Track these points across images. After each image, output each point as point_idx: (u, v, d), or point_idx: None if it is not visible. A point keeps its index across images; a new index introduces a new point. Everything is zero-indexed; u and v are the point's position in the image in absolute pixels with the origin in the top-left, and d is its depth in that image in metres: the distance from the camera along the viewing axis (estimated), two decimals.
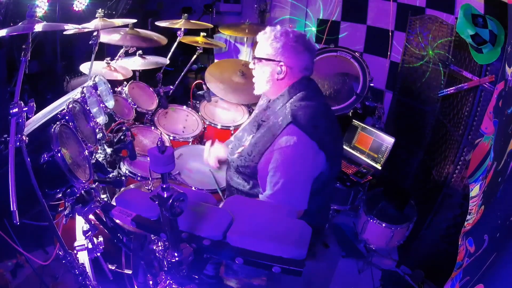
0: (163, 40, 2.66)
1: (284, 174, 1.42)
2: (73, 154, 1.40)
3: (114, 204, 1.18)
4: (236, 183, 1.65)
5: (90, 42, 2.04)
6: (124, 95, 2.40)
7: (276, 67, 1.52)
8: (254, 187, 1.58)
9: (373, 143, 2.66)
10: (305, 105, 1.49)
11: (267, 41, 1.53)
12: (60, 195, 1.35)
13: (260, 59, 1.56)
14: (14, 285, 1.97)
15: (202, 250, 1.02)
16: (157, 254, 1.55)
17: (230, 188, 1.72)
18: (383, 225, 2.32)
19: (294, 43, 1.52)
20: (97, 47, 2.06)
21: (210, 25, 3.05)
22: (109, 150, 1.90)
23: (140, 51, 2.65)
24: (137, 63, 2.62)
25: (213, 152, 1.93)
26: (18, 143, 1.13)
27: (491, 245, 1.20)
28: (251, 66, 1.63)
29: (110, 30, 2.47)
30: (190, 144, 2.46)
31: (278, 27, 1.56)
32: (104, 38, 2.39)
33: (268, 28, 1.57)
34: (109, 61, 2.41)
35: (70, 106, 1.54)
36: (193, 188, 1.91)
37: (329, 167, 1.49)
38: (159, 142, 0.81)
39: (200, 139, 2.66)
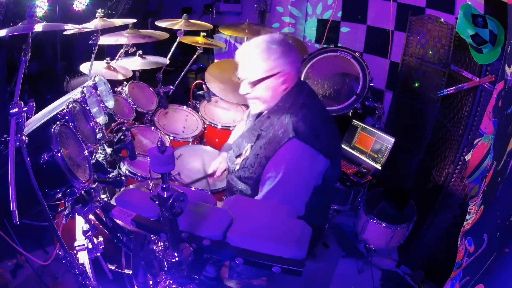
0: (164, 35, 2.67)
1: (283, 183, 1.40)
2: (73, 154, 1.40)
3: (114, 204, 1.18)
4: (238, 188, 1.65)
5: (90, 42, 2.04)
6: (124, 95, 2.40)
7: (279, 78, 1.46)
8: (256, 192, 1.57)
9: (373, 143, 2.66)
10: (304, 114, 1.45)
11: (261, 57, 1.44)
12: (60, 195, 1.35)
13: (260, 80, 1.46)
14: (14, 285, 1.97)
15: (202, 250, 1.01)
16: (157, 254, 1.54)
17: (232, 190, 1.72)
18: (383, 225, 2.32)
19: (282, 48, 1.45)
20: (97, 47, 2.06)
21: (210, 26, 3.05)
22: (109, 150, 1.89)
23: (140, 51, 2.65)
24: (137, 63, 2.62)
25: (214, 164, 1.92)
26: (18, 143, 1.13)
27: (490, 245, 1.20)
28: (245, 91, 1.52)
29: (111, 33, 2.47)
30: (190, 144, 2.46)
31: (258, 38, 1.48)
32: (106, 41, 2.39)
33: (250, 45, 1.47)
34: (109, 61, 2.41)
35: (70, 106, 1.53)
36: (193, 188, 1.91)
37: (331, 169, 1.48)
38: (159, 142, 0.80)
39: (200, 139, 2.66)
